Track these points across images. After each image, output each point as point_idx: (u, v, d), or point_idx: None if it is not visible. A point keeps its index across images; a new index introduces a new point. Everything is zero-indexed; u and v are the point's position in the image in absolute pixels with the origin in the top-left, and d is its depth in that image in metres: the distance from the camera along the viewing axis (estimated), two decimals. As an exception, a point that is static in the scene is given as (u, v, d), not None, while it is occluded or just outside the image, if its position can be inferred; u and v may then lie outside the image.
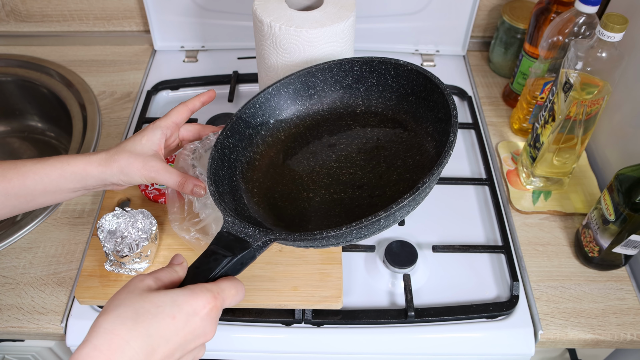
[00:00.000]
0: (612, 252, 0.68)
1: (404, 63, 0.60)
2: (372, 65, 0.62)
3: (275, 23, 0.65)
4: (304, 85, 0.64)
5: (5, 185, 0.53)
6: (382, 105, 0.62)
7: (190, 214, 0.64)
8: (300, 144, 0.62)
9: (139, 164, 0.56)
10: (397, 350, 0.65)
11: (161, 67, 1.01)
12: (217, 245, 0.48)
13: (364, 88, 0.63)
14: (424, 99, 0.59)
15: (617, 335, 0.66)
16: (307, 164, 0.60)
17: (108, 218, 0.64)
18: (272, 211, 0.57)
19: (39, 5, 1.01)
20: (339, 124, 0.63)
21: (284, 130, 0.63)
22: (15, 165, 0.54)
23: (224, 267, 0.46)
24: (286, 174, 0.60)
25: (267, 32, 0.67)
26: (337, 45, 0.68)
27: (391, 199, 0.54)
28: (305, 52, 0.67)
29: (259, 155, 0.62)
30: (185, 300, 0.41)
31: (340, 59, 0.63)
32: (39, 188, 0.55)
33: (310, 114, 0.64)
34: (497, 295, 0.70)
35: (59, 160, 0.55)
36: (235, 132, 0.60)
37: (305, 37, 0.66)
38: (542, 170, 0.77)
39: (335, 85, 0.64)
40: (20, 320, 0.66)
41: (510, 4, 0.95)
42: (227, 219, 0.50)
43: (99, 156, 0.56)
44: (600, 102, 0.67)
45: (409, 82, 0.60)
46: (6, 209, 0.55)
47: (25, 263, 0.71)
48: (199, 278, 0.45)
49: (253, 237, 0.48)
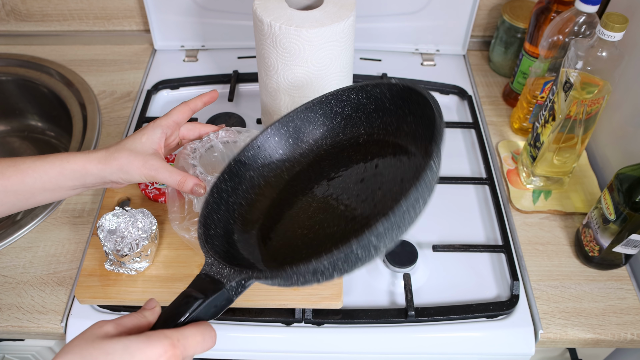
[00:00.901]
0: (612, 251, 0.68)
1: (396, 82, 0.56)
2: (367, 90, 0.58)
3: (275, 22, 0.65)
4: (304, 122, 0.61)
5: (4, 182, 0.53)
6: (384, 132, 0.59)
7: (190, 213, 0.64)
8: (302, 181, 0.60)
9: (139, 163, 0.56)
10: (397, 350, 0.65)
11: (161, 67, 1.01)
12: (192, 288, 0.45)
13: (365, 116, 0.60)
14: (422, 117, 0.55)
15: (617, 334, 0.66)
16: (305, 200, 0.58)
17: (108, 217, 0.64)
18: (267, 251, 0.54)
19: (39, 5, 1.01)
20: (341, 157, 0.60)
21: (287, 169, 0.61)
22: (14, 163, 0.54)
23: (195, 310, 0.43)
24: (285, 213, 0.58)
25: (267, 32, 0.67)
26: (337, 45, 0.68)
27: None
28: (305, 51, 0.67)
29: (261, 197, 0.59)
30: (139, 348, 0.38)
31: (335, 90, 0.60)
32: (38, 185, 0.54)
33: (314, 150, 0.61)
34: (497, 295, 0.70)
35: (58, 157, 0.55)
36: (234, 175, 0.58)
37: (305, 36, 0.66)
38: (542, 170, 0.77)
39: (335, 117, 0.61)
40: (20, 319, 0.66)
41: (511, 4, 0.95)
42: (208, 261, 0.47)
43: (98, 154, 0.56)
44: (601, 101, 0.67)
45: (404, 101, 0.56)
46: (5, 206, 0.55)
47: (25, 262, 0.71)
48: (169, 323, 0.42)
49: (227, 277, 0.45)
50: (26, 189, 0.54)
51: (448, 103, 0.97)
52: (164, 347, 0.38)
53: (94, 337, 0.39)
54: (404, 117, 0.57)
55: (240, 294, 0.46)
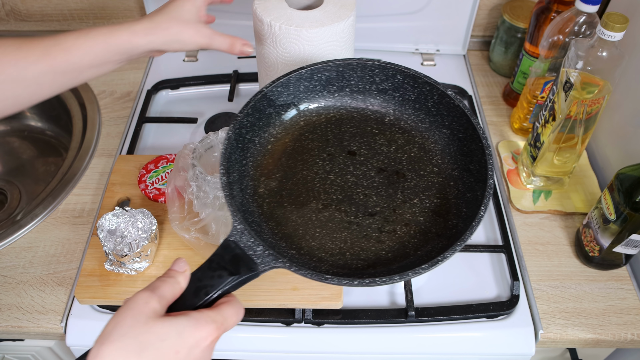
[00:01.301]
0: (612, 251, 0.68)
1: (452, 96, 0.56)
2: (417, 81, 0.58)
3: (275, 22, 0.65)
4: (339, 75, 0.60)
5: (50, 62, 0.52)
6: (413, 124, 0.59)
7: (190, 213, 0.64)
8: (319, 137, 0.58)
9: (191, 31, 0.57)
10: (397, 350, 0.65)
11: (161, 67, 1.01)
12: (221, 256, 0.44)
13: (400, 99, 0.60)
14: (460, 140, 0.55)
15: (617, 334, 0.66)
16: (323, 165, 0.57)
17: (108, 217, 0.64)
18: (277, 211, 0.54)
19: (39, 5, 1.01)
20: (363, 129, 0.59)
21: (305, 116, 0.60)
22: (57, 42, 0.53)
23: (226, 285, 0.43)
24: (298, 170, 0.56)
25: (267, 32, 0.67)
26: (338, 45, 0.68)
27: (400, 240, 0.51)
28: (305, 51, 0.67)
29: (274, 139, 0.58)
30: (190, 333, 0.40)
31: (385, 62, 0.59)
32: (84, 63, 0.54)
33: (336, 106, 0.61)
34: (497, 295, 0.69)
35: (101, 33, 0.55)
36: (256, 110, 0.56)
37: (305, 36, 0.65)
38: (542, 170, 0.77)
39: (371, 85, 0.60)
40: (20, 319, 0.66)
41: (511, 3, 0.95)
42: (237, 226, 0.46)
43: (143, 25, 0.56)
44: (601, 101, 0.67)
45: (449, 115, 0.56)
46: (56, 85, 0.54)
47: (25, 262, 0.71)
48: (200, 294, 0.42)
49: (262, 259, 0.44)
50: (73, 67, 0.54)
51: (448, 103, 0.96)
52: (210, 330, 0.40)
53: (145, 318, 0.39)
54: (440, 126, 0.57)
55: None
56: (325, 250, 0.51)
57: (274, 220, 0.53)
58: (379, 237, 0.52)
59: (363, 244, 0.51)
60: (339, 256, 0.50)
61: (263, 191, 0.55)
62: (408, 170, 0.56)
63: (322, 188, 0.55)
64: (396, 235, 0.52)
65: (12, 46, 0.51)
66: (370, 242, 0.51)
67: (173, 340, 0.39)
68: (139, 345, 0.38)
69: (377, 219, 0.53)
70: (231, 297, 0.44)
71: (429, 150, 0.57)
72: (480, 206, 0.48)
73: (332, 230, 0.52)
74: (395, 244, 0.51)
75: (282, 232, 0.52)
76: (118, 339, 0.37)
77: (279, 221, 0.53)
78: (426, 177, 0.55)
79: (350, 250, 0.51)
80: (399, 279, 0.43)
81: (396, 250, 0.51)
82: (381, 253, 0.51)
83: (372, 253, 0.51)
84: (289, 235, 0.52)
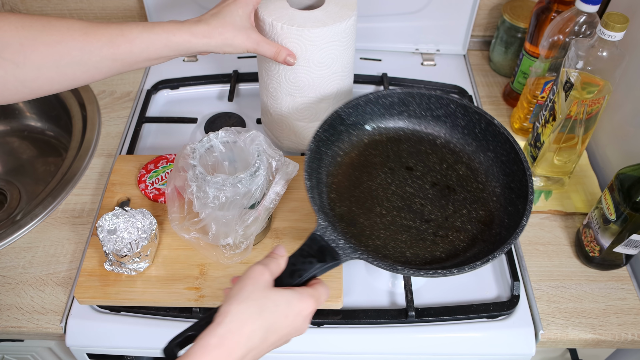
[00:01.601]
0: (613, 251, 0.68)
1: (498, 124, 0.65)
2: (468, 110, 0.67)
3: (277, 22, 0.65)
4: (400, 102, 0.69)
5: (114, 50, 0.56)
6: (461, 147, 0.68)
7: (189, 214, 0.63)
8: (381, 153, 0.68)
9: (243, 36, 0.61)
10: (397, 350, 0.65)
11: (161, 66, 1.00)
12: (310, 246, 0.53)
13: (451, 124, 0.69)
14: (503, 162, 0.64)
15: (618, 335, 0.66)
16: (384, 178, 0.65)
17: (108, 217, 0.64)
18: (346, 213, 0.62)
19: (39, 4, 1.01)
20: (419, 148, 0.68)
21: (369, 135, 0.69)
22: (122, 32, 0.56)
23: (315, 270, 0.52)
24: (364, 181, 0.65)
25: (268, 32, 0.67)
26: (339, 45, 0.68)
27: (451, 243, 0.60)
28: (307, 51, 0.67)
29: (343, 152, 0.67)
30: (295, 303, 0.48)
31: (440, 93, 0.68)
32: (144, 56, 0.58)
33: (396, 128, 0.70)
34: (497, 295, 0.69)
35: (165, 29, 0.58)
36: (331, 127, 0.65)
37: (307, 36, 0.65)
38: (542, 170, 0.77)
39: (427, 111, 0.69)
40: (19, 320, 0.66)
41: (511, 3, 0.95)
42: (321, 223, 0.54)
43: (201, 28, 0.59)
44: (601, 101, 0.67)
45: (495, 140, 0.65)
46: (111, 71, 0.58)
47: (24, 263, 0.71)
48: (294, 276, 0.51)
49: (343, 250, 0.53)
50: (133, 58, 0.57)
51: (448, 103, 0.96)
52: (310, 302, 0.49)
53: (262, 286, 0.47)
54: (485, 149, 0.66)
55: None
56: (388, 248, 0.59)
57: (344, 222, 0.61)
58: (433, 240, 0.60)
59: (420, 245, 0.60)
60: (400, 254, 0.59)
61: (335, 196, 0.64)
62: (457, 186, 0.65)
63: (385, 197, 0.64)
64: (448, 239, 0.61)
65: (79, 31, 0.54)
66: (427, 244, 0.60)
67: (284, 307, 0.47)
68: (259, 307, 0.46)
69: (432, 225, 0.61)
70: (319, 280, 0.52)
71: (475, 170, 0.66)
72: (522, 217, 0.57)
73: (394, 232, 0.61)
74: (448, 246, 0.60)
75: (351, 232, 0.61)
76: (243, 300, 0.45)
77: (349, 222, 0.62)
78: (472, 192, 0.64)
79: (410, 250, 0.59)
80: (457, 272, 0.53)
81: (448, 251, 0.60)
82: (436, 253, 0.59)
83: (428, 252, 0.59)
84: (357, 234, 0.60)
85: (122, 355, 0.68)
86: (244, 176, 0.59)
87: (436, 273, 0.53)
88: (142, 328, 0.65)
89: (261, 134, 0.64)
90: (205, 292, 0.64)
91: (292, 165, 0.66)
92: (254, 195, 0.61)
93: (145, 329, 0.65)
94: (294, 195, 0.73)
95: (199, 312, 0.65)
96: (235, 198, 0.59)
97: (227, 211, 0.60)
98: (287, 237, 0.69)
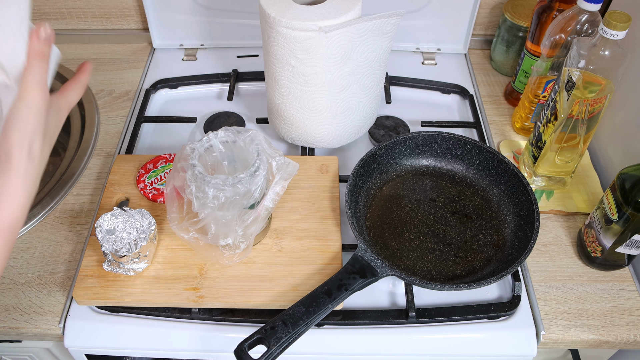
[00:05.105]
0: (615, 252, 0.67)
1: (508, 162, 0.74)
2: (482, 150, 0.76)
3: (281, 18, 0.65)
4: (424, 143, 0.78)
5: None
6: (476, 181, 0.78)
7: (189, 214, 0.63)
8: (407, 187, 0.78)
9: None
10: (398, 351, 0.65)
11: (160, 66, 1.00)
12: (353, 265, 0.62)
13: (467, 162, 0.78)
14: (512, 194, 0.73)
15: (620, 335, 0.65)
16: (412, 208, 0.75)
17: (106, 218, 0.64)
18: (379, 238, 0.71)
19: (37, 3, 1.00)
20: (440, 182, 0.78)
21: (397, 171, 0.79)
22: None
23: (358, 284, 0.61)
24: (394, 211, 0.74)
25: (273, 24, 0.67)
26: (348, 37, 0.68)
27: (470, 263, 0.69)
28: (320, 47, 0.67)
29: (375, 186, 0.77)
30: None
31: (458, 135, 0.77)
32: None
33: (420, 165, 0.80)
34: (498, 296, 0.69)
35: None
36: (366, 165, 0.74)
37: (314, 30, 0.65)
38: (544, 170, 0.77)
39: (446, 151, 0.79)
40: (17, 320, 0.65)
41: (512, 2, 0.95)
42: (361, 246, 0.64)
43: None
44: (603, 100, 0.66)
45: (505, 175, 0.74)
46: None
47: (22, 263, 0.71)
48: (342, 289, 0.60)
49: (381, 268, 0.62)
50: None
51: (449, 102, 0.96)
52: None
53: None
54: (497, 183, 0.76)
55: None
56: (416, 268, 0.68)
57: (378, 245, 0.70)
58: (455, 260, 0.69)
59: (444, 265, 0.69)
60: (427, 272, 0.68)
61: (370, 224, 0.73)
62: (474, 214, 0.74)
63: (412, 224, 0.73)
64: (467, 260, 0.69)
65: None
66: (449, 264, 0.69)
67: None
68: None
69: (452, 248, 0.70)
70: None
71: (489, 201, 0.76)
72: (530, 240, 0.66)
73: (421, 254, 0.70)
74: (467, 265, 0.69)
75: (384, 254, 0.70)
76: None
77: (382, 246, 0.70)
78: (487, 220, 0.73)
79: (435, 269, 0.68)
80: (476, 286, 0.61)
81: (467, 269, 0.68)
82: (457, 271, 0.68)
83: (450, 271, 0.68)
84: (389, 256, 0.69)
85: (121, 356, 0.68)
86: (244, 176, 0.59)
87: (459, 287, 0.61)
88: (141, 329, 0.65)
89: (261, 133, 0.64)
90: (204, 293, 0.64)
91: (292, 165, 0.66)
92: (253, 195, 0.60)
93: (144, 329, 0.65)
94: (294, 195, 0.73)
95: (198, 312, 0.65)
96: (235, 198, 0.59)
97: (227, 211, 0.60)
98: (287, 237, 0.69)
